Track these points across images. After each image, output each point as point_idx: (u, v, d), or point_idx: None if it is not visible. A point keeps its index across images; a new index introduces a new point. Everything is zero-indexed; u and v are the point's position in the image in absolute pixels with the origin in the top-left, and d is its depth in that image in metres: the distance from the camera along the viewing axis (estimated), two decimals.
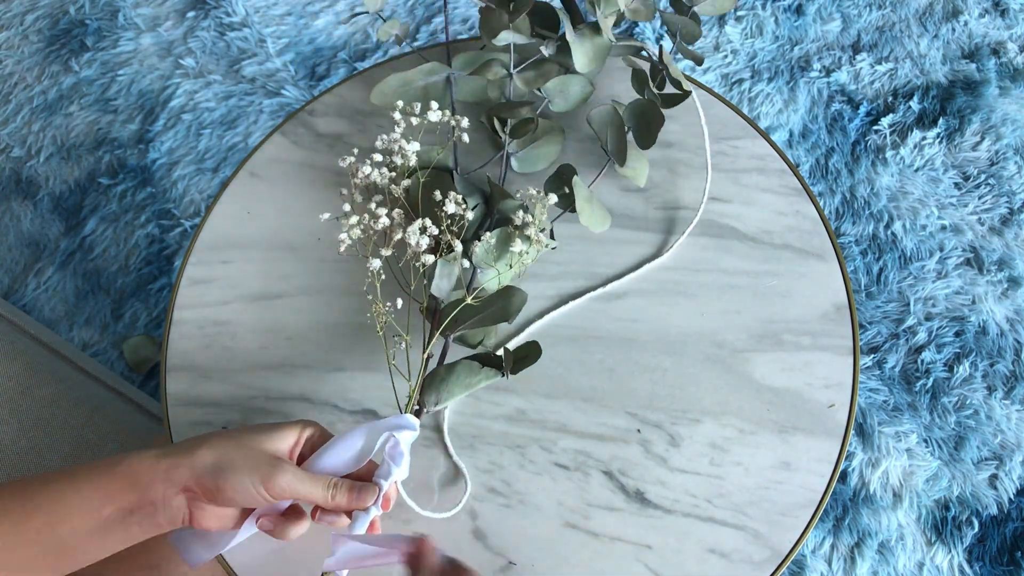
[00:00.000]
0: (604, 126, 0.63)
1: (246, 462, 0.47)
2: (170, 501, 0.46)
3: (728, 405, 0.59)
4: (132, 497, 0.46)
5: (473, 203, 0.61)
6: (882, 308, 1.12)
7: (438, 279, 0.57)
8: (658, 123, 0.62)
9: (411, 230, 0.54)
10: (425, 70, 0.65)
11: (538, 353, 0.56)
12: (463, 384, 0.56)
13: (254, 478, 0.46)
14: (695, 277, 0.63)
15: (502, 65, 0.65)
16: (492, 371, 0.56)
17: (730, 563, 0.54)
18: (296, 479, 0.47)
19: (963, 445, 1.04)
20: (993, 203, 1.17)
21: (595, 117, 0.63)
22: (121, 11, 1.40)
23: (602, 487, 0.57)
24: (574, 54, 0.63)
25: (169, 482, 0.46)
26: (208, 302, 0.65)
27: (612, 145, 0.63)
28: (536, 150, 0.65)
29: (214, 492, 0.46)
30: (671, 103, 0.63)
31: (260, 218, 0.68)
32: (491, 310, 0.57)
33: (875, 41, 1.30)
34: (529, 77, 0.64)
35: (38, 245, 1.24)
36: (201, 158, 1.27)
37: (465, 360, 0.56)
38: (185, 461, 0.47)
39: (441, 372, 0.55)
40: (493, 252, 0.58)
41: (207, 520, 0.48)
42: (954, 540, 1.00)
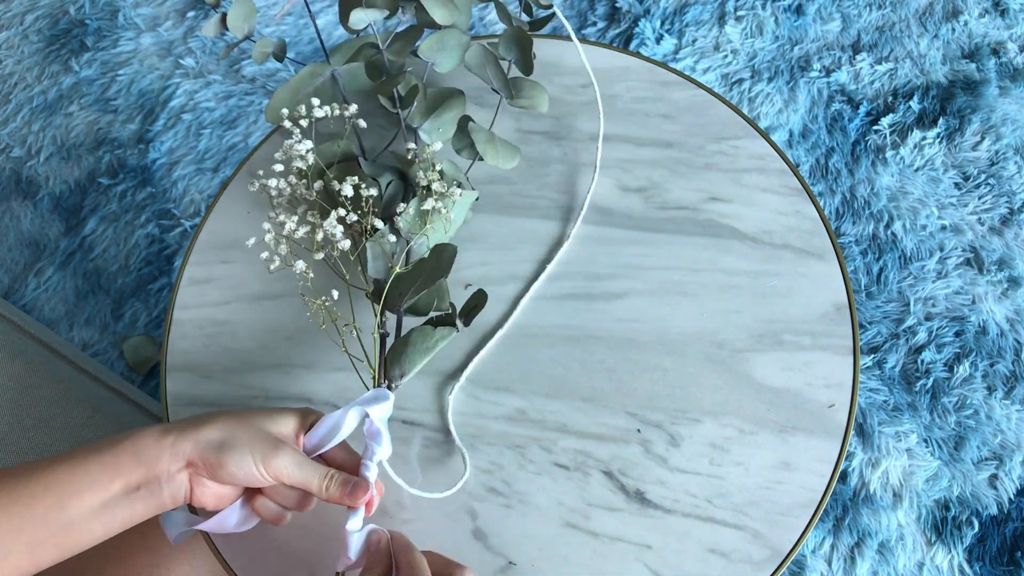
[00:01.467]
0: (482, 67, 0.64)
1: (250, 440, 0.48)
2: (174, 476, 0.47)
3: (728, 405, 0.59)
4: (138, 472, 0.46)
5: (386, 181, 0.62)
6: (882, 308, 1.12)
7: (371, 260, 0.57)
8: (529, 45, 0.63)
9: (327, 223, 0.55)
10: (308, 73, 0.65)
11: (484, 300, 0.57)
12: (421, 349, 0.56)
13: (256, 456, 0.47)
14: (695, 277, 0.63)
15: (372, 46, 0.65)
16: (446, 329, 0.56)
17: (730, 563, 0.54)
18: (295, 463, 0.48)
19: (963, 445, 1.04)
20: (993, 203, 1.17)
21: (470, 60, 0.63)
22: (121, 11, 1.40)
23: (602, 487, 0.57)
24: (429, 10, 0.63)
25: (174, 456, 0.47)
26: (208, 302, 0.65)
27: (497, 82, 0.64)
28: (439, 117, 0.65)
29: (216, 467, 0.47)
30: (539, 25, 0.65)
31: (260, 218, 0.68)
32: (426, 271, 0.57)
33: (875, 41, 1.30)
34: (397, 47, 0.64)
35: (38, 245, 1.24)
36: (201, 158, 1.27)
37: (418, 327, 0.56)
38: (190, 435, 0.47)
39: (399, 345, 0.56)
40: (417, 220, 0.58)
41: (206, 497, 0.49)
42: (954, 540, 1.00)
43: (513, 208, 0.66)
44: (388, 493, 0.56)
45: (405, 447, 0.59)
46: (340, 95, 0.66)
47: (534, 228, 0.65)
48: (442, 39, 0.64)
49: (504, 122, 0.70)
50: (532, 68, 0.64)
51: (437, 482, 0.57)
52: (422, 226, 0.58)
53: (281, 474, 0.48)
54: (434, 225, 0.59)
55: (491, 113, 0.68)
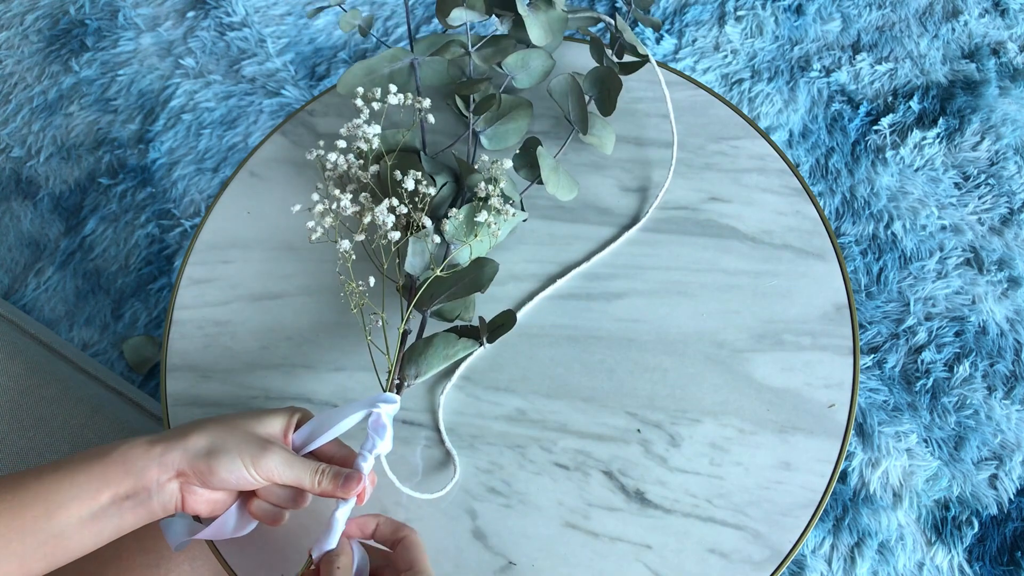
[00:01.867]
0: (564, 96, 0.64)
1: (238, 444, 0.48)
2: (164, 486, 0.47)
3: (728, 405, 0.59)
4: (127, 483, 0.46)
5: (442, 181, 0.62)
6: (882, 308, 1.12)
7: (411, 256, 0.57)
8: (616, 88, 0.64)
9: (378, 210, 0.55)
10: (388, 56, 0.65)
11: (513, 321, 0.57)
12: (441, 356, 0.56)
13: (245, 459, 0.47)
14: (695, 277, 0.63)
15: (460, 44, 0.65)
16: (469, 341, 0.57)
17: (730, 563, 0.54)
18: (285, 462, 0.48)
19: (963, 445, 1.04)
20: (993, 203, 1.17)
21: (555, 87, 0.64)
22: (121, 11, 1.40)
23: (602, 487, 0.57)
24: (528, 28, 0.64)
25: (163, 466, 0.47)
26: (208, 302, 0.65)
27: (574, 114, 0.64)
28: (504, 126, 0.66)
29: (207, 474, 0.47)
30: (630, 70, 0.66)
31: (260, 218, 0.68)
32: (464, 281, 0.58)
33: (875, 41, 1.30)
34: (487, 54, 0.65)
35: (38, 245, 1.24)
36: (201, 158, 1.27)
37: (443, 332, 0.57)
38: (178, 445, 0.48)
39: (420, 345, 0.56)
40: (463, 227, 0.58)
41: (198, 505, 0.49)
42: (954, 540, 1.00)
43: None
44: (388, 493, 0.56)
45: (406, 447, 0.59)
46: (415, 84, 0.66)
47: (533, 228, 0.65)
48: (528, 57, 0.66)
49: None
50: (612, 111, 0.64)
51: (438, 482, 0.58)
52: (467, 234, 0.59)
53: (272, 474, 0.48)
54: (480, 237, 0.59)
55: (554, 138, 0.68)
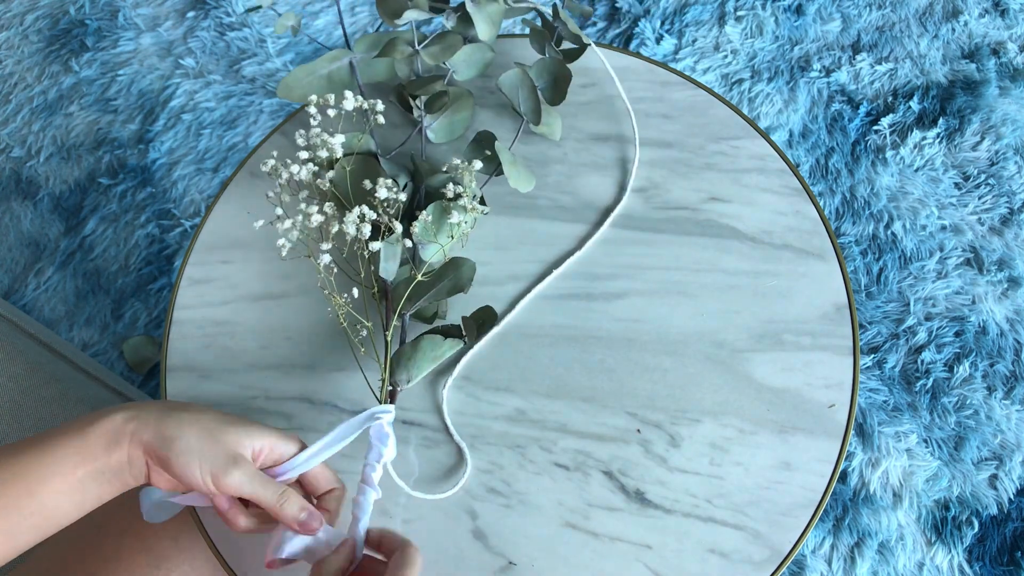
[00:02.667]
0: (515, 89, 0.65)
1: (203, 450, 0.48)
2: (134, 461, 0.48)
3: (728, 405, 0.59)
4: (103, 458, 0.48)
5: (402, 183, 0.63)
6: (882, 308, 1.12)
7: (384, 262, 0.57)
8: (566, 79, 0.65)
9: (349, 220, 0.55)
10: (328, 57, 0.65)
11: (494, 318, 0.59)
12: (430, 357, 0.57)
13: (204, 468, 0.48)
14: (695, 277, 0.63)
15: (407, 43, 0.65)
16: (455, 340, 0.58)
17: (730, 563, 0.54)
18: (247, 478, 0.48)
19: (963, 445, 1.04)
20: (993, 203, 1.17)
21: (505, 82, 0.65)
22: (121, 11, 1.40)
23: (602, 487, 0.57)
24: (476, 24, 0.64)
25: (133, 443, 0.48)
26: (208, 302, 0.65)
27: (525, 105, 0.65)
28: (450, 118, 0.67)
29: (163, 463, 0.48)
30: (572, 58, 0.66)
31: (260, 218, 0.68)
32: (444, 283, 0.59)
33: (875, 41, 1.30)
34: (435, 52, 0.65)
35: (38, 245, 1.24)
36: (201, 158, 1.27)
37: (427, 334, 0.57)
38: (150, 425, 0.48)
39: (407, 350, 0.56)
40: (432, 227, 0.59)
41: (159, 482, 0.50)
42: (954, 540, 1.00)
43: (511, 208, 0.66)
44: (388, 494, 0.56)
45: (404, 446, 0.59)
46: (356, 84, 0.67)
47: (533, 228, 0.65)
48: (472, 52, 0.67)
49: (503, 121, 0.70)
50: (563, 100, 0.65)
51: (436, 481, 0.57)
52: (435, 234, 0.59)
53: (230, 488, 0.48)
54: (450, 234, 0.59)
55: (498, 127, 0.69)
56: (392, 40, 0.65)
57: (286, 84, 0.64)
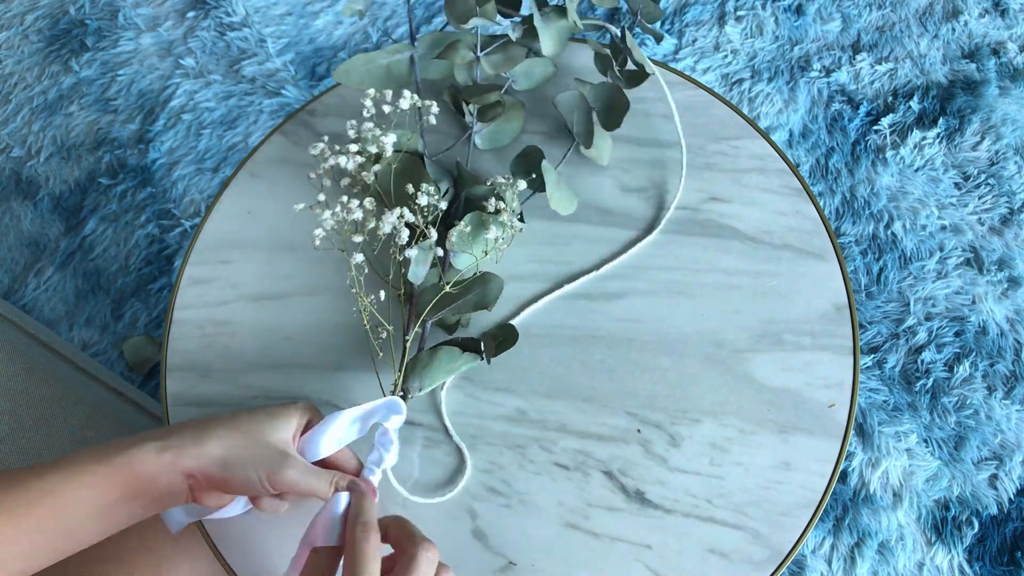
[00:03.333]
0: (571, 110, 0.64)
1: (253, 456, 0.47)
2: (174, 486, 0.47)
3: (728, 405, 0.59)
4: (134, 486, 0.46)
5: (444, 187, 0.62)
6: (882, 308, 1.12)
7: (414, 266, 0.57)
8: (622, 107, 0.63)
9: (388, 220, 0.54)
10: (390, 50, 0.65)
11: (515, 337, 0.58)
12: (445, 369, 0.56)
13: (260, 473, 0.47)
14: (695, 277, 0.63)
15: (469, 48, 0.65)
16: (473, 355, 0.57)
17: (730, 563, 0.54)
18: (301, 474, 0.48)
19: (963, 445, 1.04)
20: (993, 203, 1.17)
21: (562, 102, 0.64)
22: (121, 11, 1.40)
23: (602, 487, 0.57)
24: (542, 38, 0.64)
25: (173, 472, 0.47)
26: (208, 302, 0.65)
27: (579, 127, 0.64)
28: (499, 126, 0.67)
29: (221, 485, 0.47)
30: (634, 83, 0.65)
31: (260, 218, 0.68)
32: (470, 297, 0.58)
33: (875, 41, 1.30)
34: (496, 61, 0.65)
35: (38, 245, 1.24)
36: (201, 158, 1.27)
37: (446, 347, 0.56)
38: (190, 452, 0.47)
39: (423, 358, 0.56)
40: (468, 238, 0.58)
41: (208, 501, 0.50)
42: (954, 540, 1.00)
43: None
44: (389, 495, 0.56)
45: (406, 447, 0.59)
46: (415, 80, 0.66)
47: (533, 228, 0.65)
48: (533, 65, 0.66)
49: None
50: (617, 127, 0.64)
51: (436, 481, 0.58)
52: (470, 246, 0.58)
53: (287, 486, 0.48)
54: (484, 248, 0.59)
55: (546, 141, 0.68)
56: (454, 43, 0.65)
57: (345, 69, 0.64)
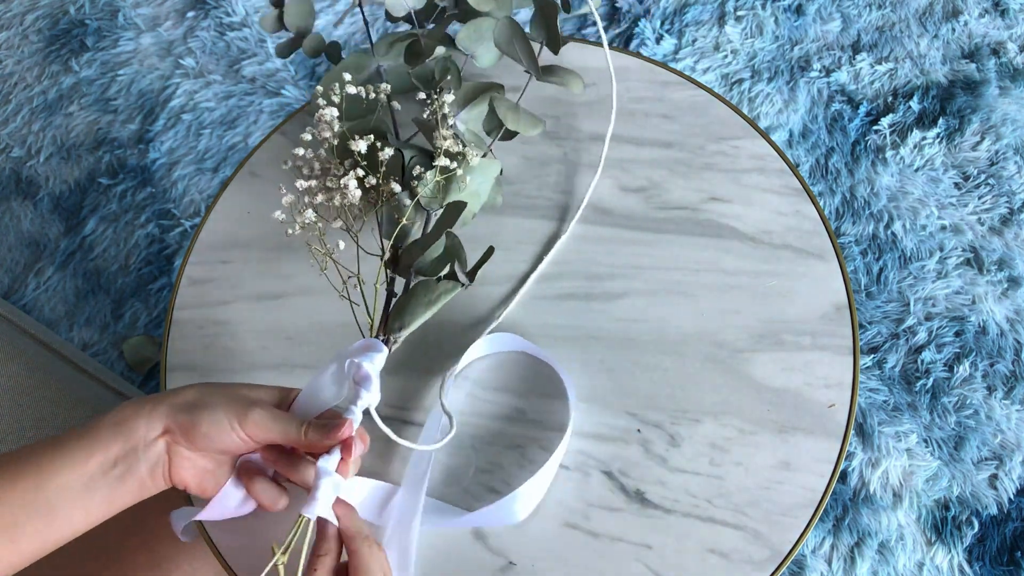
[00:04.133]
0: (509, 42, 0.62)
1: (223, 401, 0.48)
2: (151, 446, 0.47)
3: (728, 405, 0.59)
4: (116, 444, 0.46)
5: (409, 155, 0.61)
6: (882, 308, 1.12)
7: (387, 225, 0.56)
8: (552, 13, 0.61)
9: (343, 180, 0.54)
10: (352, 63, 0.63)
11: (490, 253, 0.57)
12: (424, 303, 0.55)
13: (230, 415, 0.47)
14: (695, 277, 0.63)
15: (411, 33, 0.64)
16: (450, 283, 0.56)
17: (730, 563, 0.54)
18: (270, 417, 0.47)
19: (963, 445, 1.04)
20: (993, 203, 1.17)
21: (498, 36, 0.62)
22: (121, 11, 1.40)
23: (602, 487, 0.57)
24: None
25: (150, 422, 0.47)
26: (208, 302, 0.65)
27: (524, 58, 0.62)
28: (478, 107, 0.64)
29: (189, 428, 0.47)
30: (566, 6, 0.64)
31: (260, 218, 0.68)
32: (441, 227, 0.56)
33: (875, 41, 1.30)
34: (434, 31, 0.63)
35: (38, 245, 1.24)
36: (201, 158, 1.27)
37: (422, 280, 0.55)
38: (166, 400, 0.48)
39: (401, 300, 0.55)
40: (437, 191, 0.57)
41: (184, 471, 0.48)
42: (954, 540, 1.00)
43: (512, 208, 0.66)
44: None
45: None
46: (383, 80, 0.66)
47: (533, 228, 0.65)
48: (479, 27, 0.63)
49: None
50: (559, 44, 0.61)
51: (437, 478, 0.57)
52: (443, 196, 0.58)
53: (257, 429, 0.47)
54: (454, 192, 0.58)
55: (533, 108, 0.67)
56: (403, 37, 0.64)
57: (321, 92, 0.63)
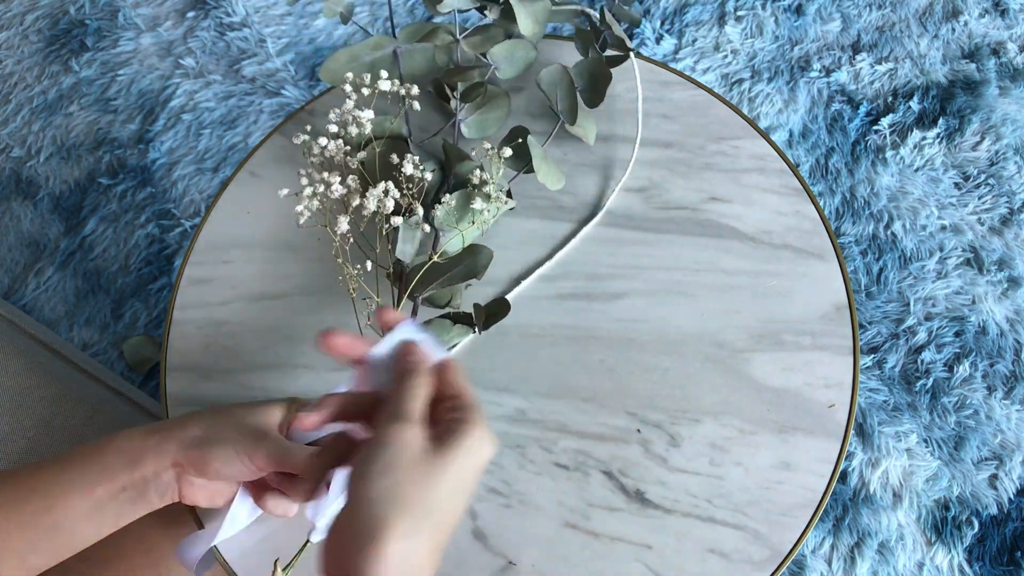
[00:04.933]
0: (554, 87, 0.65)
1: (232, 433, 0.48)
2: (160, 475, 0.47)
3: (728, 405, 0.59)
4: (123, 475, 0.47)
5: (429, 168, 0.63)
6: (882, 308, 1.12)
7: (402, 243, 0.58)
8: (606, 80, 0.65)
9: (373, 194, 0.55)
10: (371, 44, 0.65)
11: (506, 309, 0.58)
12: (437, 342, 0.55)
13: (239, 450, 0.47)
14: (695, 277, 0.63)
15: (447, 31, 0.65)
16: (464, 328, 0.58)
17: (730, 563, 0.54)
18: (278, 451, 0.48)
19: (963, 445, 1.04)
20: (993, 203, 1.17)
21: (545, 78, 0.65)
22: (121, 11, 1.40)
23: (602, 487, 0.57)
24: (518, 16, 0.64)
25: (159, 456, 0.47)
26: (208, 302, 0.65)
27: (562, 104, 0.65)
28: (485, 115, 0.67)
29: (201, 465, 0.47)
30: (615, 63, 0.66)
31: (260, 218, 0.68)
32: (459, 268, 0.59)
33: (875, 41, 1.30)
34: (476, 42, 0.66)
35: (38, 245, 1.24)
36: (201, 158, 1.27)
37: (437, 319, 0.57)
38: (174, 435, 0.48)
39: None
40: (454, 214, 0.59)
41: (196, 495, 0.49)
42: (954, 540, 1.00)
43: (514, 209, 0.66)
44: None
45: None
46: (398, 73, 0.66)
47: (533, 228, 0.65)
48: (514, 48, 0.66)
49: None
50: (600, 102, 0.65)
51: None
52: (458, 221, 0.59)
53: (267, 462, 0.48)
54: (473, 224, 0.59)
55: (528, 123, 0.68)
56: (435, 28, 0.65)
57: (329, 69, 0.64)
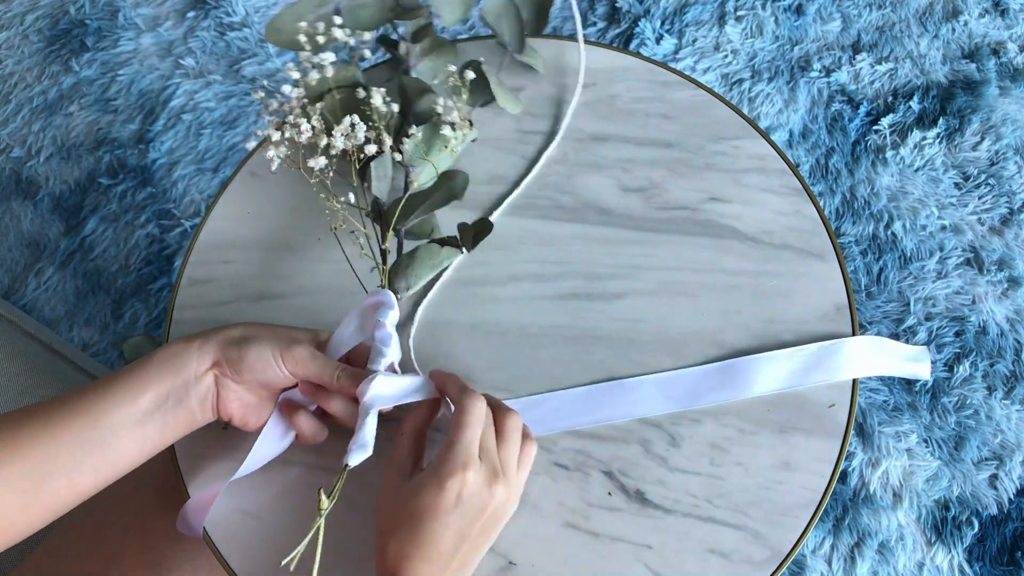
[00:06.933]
0: (498, 18, 0.65)
1: (268, 336, 0.51)
2: (201, 378, 0.49)
3: (728, 405, 0.59)
4: (167, 380, 0.49)
5: None
6: (882, 308, 1.12)
7: (375, 181, 0.58)
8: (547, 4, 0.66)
9: (339, 131, 0.56)
10: (315, 1, 0.65)
11: (489, 228, 0.59)
12: (427, 266, 0.58)
13: (274, 350, 0.50)
14: (695, 277, 0.63)
15: None
16: (452, 249, 0.59)
17: (730, 563, 0.54)
18: (309, 355, 0.51)
19: (963, 445, 1.04)
20: (993, 203, 1.17)
21: (489, 9, 0.65)
22: (121, 11, 1.40)
23: (602, 487, 0.57)
24: None
25: (200, 357, 0.50)
26: (208, 302, 0.65)
27: (509, 34, 0.66)
28: (435, 60, 0.67)
29: (237, 361, 0.49)
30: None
31: (260, 218, 0.68)
32: (438, 193, 0.60)
33: (875, 41, 1.30)
34: None
35: (38, 245, 1.24)
36: (201, 158, 1.27)
37: (425, 244, 0.58)
38: (216, 335, 0.51)
39: (404, 260, 0.58)
40: (422, 147, 0.60)
41: (230, 403, 0.51)
42: (954, 540, 1.00)
43: (512, 208, 0.66)
44: None
45: None
46: None
47: (533, 228, 0.65)
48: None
49: (504, 123, 0.69)
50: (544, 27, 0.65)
51: None
52: (424, 154, 0.60)
53: (298, 365, 0.50)
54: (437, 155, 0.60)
55: None
56: None
57: (274, 28, 0.64)
